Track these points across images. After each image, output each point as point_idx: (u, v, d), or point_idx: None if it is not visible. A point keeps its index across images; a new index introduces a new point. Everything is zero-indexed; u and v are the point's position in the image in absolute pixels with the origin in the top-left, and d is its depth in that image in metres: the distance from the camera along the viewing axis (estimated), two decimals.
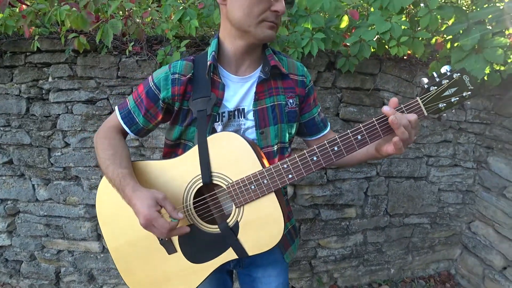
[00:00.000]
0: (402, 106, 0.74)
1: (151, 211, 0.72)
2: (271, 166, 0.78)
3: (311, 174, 1.78)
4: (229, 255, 0.82)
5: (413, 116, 0.71)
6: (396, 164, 1.87)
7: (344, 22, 1.69)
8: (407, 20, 1.72)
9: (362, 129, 0.75)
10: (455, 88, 0.72)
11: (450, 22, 1.70)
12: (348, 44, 1.57)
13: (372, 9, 1.63)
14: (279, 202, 0.78)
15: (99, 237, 1.87)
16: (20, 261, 1.92)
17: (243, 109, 0.86)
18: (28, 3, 1.51)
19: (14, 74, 1.67)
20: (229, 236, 0.81)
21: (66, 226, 1.84)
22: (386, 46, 1.56)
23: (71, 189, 1.80)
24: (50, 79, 1.68)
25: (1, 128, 1.73)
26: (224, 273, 1.04)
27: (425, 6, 1.54)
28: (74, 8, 1.45)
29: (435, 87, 0.72)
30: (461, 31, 1.55)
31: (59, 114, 1.72)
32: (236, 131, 0.85)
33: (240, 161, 0.78)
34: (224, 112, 0.85)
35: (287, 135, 0.91)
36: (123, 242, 0.89)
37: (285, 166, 0.77)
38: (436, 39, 1.76)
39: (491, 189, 1.88)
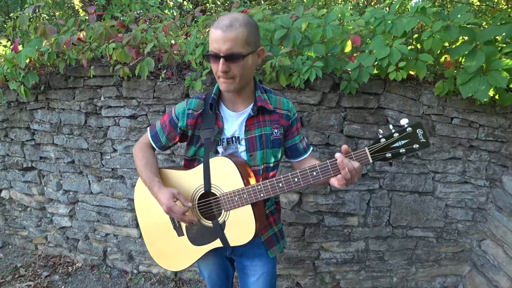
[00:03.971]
0: (352, 153, 0.86)
1: (170, 202, 1.00)
2: (249, 186, 0.99)
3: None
4: (217, 243, 1.08)
5: (356, 164, 0.85)
6: (399, 179, 1.87)
7: (348, 47, 1.74)
8: (413, 41, 1.71)
9: (317, 167, 0.90)
10: (406, 141, 0.80)
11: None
12: (349, 69, 1.63)
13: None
14: (253, 211, 1.01)
15: (138, 225, 2.19)
16: (77, 239, 2.34)
17: (238, 137, 1.08)
18: (86, 41, 1.84)
19: (75, 94, 2.04)
20: (218, 230, 1.06)
21: (112, 215, 2.19)
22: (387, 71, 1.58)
23: (117, 185, 2.14)
24: (102, 98, 2.01)
25: (66, 136, 2.13)
26: (226, 260, 1.27)
27: (424, 30, 1.53)
28: (119, 42, 1.75)
29: (385, 139, 0.81)
30: (466, 53, 1.51)
31: (109, 126, 2.06)
32: (234, 153, 1.09)
33: (230, 179, 1.02)
34: (223, 139, 1.08)
35: (272, 158, 1.10)
36: (150, 223, 1.20)
37: (259, 187, 0.98)
38: (445, 58, 1.72)
39: (503, 209, 1.78)
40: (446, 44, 1.65)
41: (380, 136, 0.83)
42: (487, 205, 1.89)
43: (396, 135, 0.80)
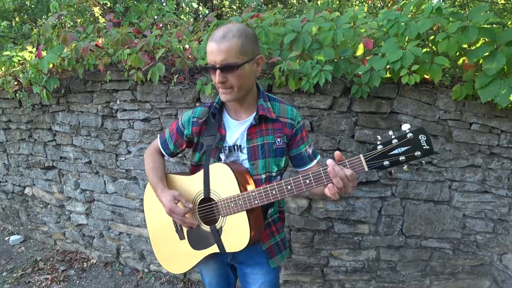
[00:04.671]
0: (345, 160, 0.82)
1: (171, 204, 1.02)
2: (244, 192, 0.98)
3: None
4: (214, 248, 1.07)
5: (348, 171, 0.81)
6: (413, 187, 1.78)
7: (360, 50, 1.70)
8: (429, 44, 1.64)
9: (310, 175, 0.87)
10: (407, 147, 0.75)
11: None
12: (360, 73, 1.59)
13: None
14: (248, 218, 1.00)
15: None
16: (93, 236, 2.41)
17: (240, 146, 1.07)
18: (103, 47, 1.91)
19: (93, 97, 2.12)
20: (215, 235, 1.06)
21: (126, 214, 2.25)
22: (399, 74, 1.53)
23: (131, 186, 2.20)
24: (118, 102, 2.08)
25: (84, 137, 2.22)
26: (227, 267, 1.26)
27: (444, 31, 1.46)
28: (134, 48, 1.80)
29: (382, 146, 0.76)
30: (487, 54, 1.43)
31: (124, 129, 2.12)
32: (236, 161, 1.09)
33: (227, 185, 1.02)
34: (225, 147, 1.08)
35: (275, 167, 1.08)
36: (156, 226, 1.22)
37: (253, 194, 0.97)
38: (463, 60, 1.63)
39: None
40: (465, 45, 1.57)
41: (378, 143, 0.78)
42: (509, 216, 1.76)
43: (395, 141, 0.75)
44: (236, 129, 1.07)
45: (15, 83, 2.21)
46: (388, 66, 1.51)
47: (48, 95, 2.04)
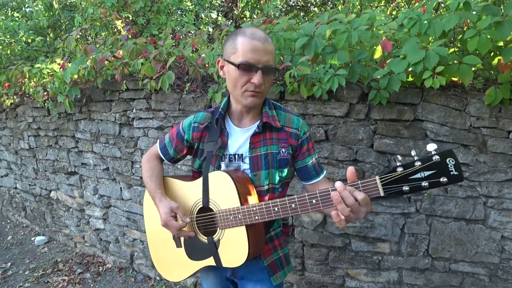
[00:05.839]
0: (359, 182, 0.71)
1: (167, 216, 0.96)
2: (245, 206, 0.90)
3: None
4: (210, 261, 1.01)
5: (361, 195, 0.69)
6: (441, 202, 1.58)
7: (378, 52, 1.56)
8: (457, 43, 1.47)
9: (318, 195, 0.78)
10: (432, 172, 0.63)
11: None
12: (378, 77, 1.45)
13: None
14: (247, 233, 0.92)
15: None
16: (109, 241, 2.43)
17: (242, 155, 1.00)
18: (119, 57, 1.96)
19: (112, 106, 2.17)
20: (212, 248, 0.99)
21: (139, 221, 2.24)
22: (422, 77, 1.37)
23: (144, 194, 2.19)
24: (134, 110, 2.10)
25: (103, 144, 2.27)
26: (228, 283, 1.17)
27: (474, 27, 1.29)
28: (146, 59, 1.82)
29: (402, 168, 0.65)
30: None
31: (139, 137, 2.13)
32: (238, 169, 1.01)
33: (227, 196, 0.95)
34: (226, 155, 1.01)
35: (277, 178, 1.00)
36: (154, 230, 1.17)
37: (254, 209, 0.89)
38: (498, 60, 1.43)
39: None
40: (501, 43, 1.38)
41: (398, 164, 0.66)
42: None
43: (418, 164, 0.63)
44: (238, 137, 1.01)
45: (44, 93, 2.33)
46: (410, 69, 1.36)
47: (70, 104, 2.12)
